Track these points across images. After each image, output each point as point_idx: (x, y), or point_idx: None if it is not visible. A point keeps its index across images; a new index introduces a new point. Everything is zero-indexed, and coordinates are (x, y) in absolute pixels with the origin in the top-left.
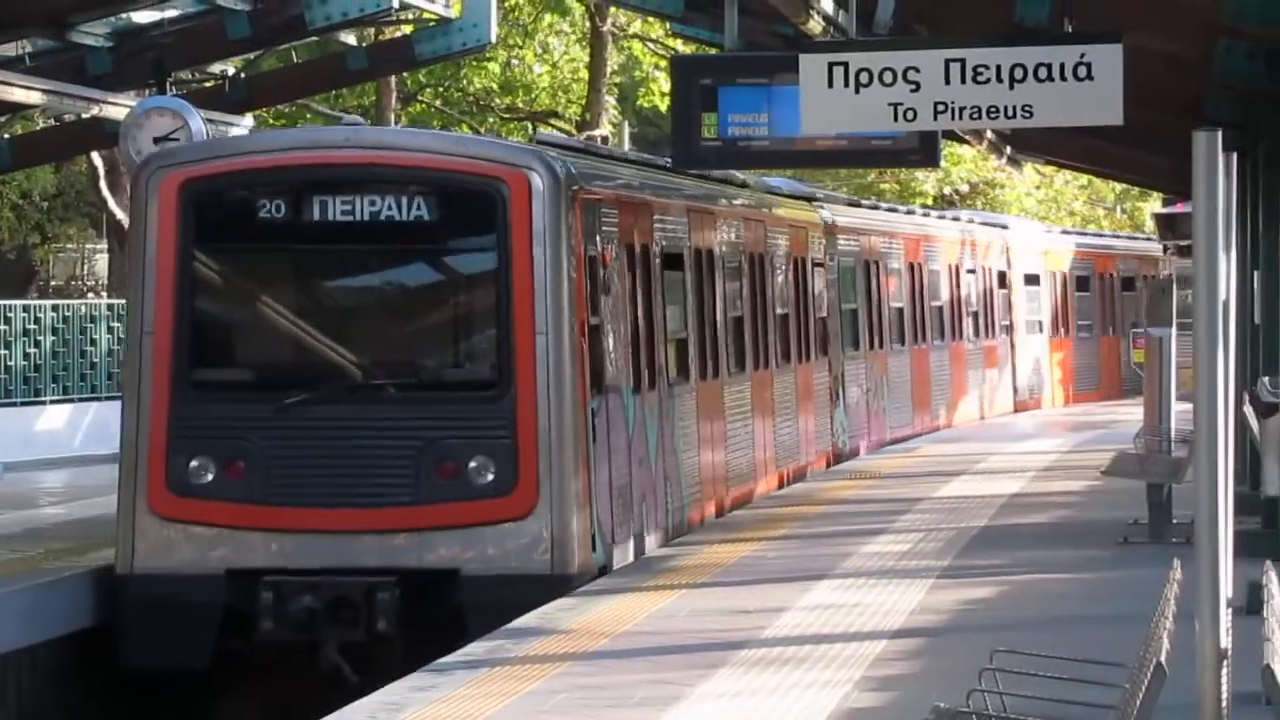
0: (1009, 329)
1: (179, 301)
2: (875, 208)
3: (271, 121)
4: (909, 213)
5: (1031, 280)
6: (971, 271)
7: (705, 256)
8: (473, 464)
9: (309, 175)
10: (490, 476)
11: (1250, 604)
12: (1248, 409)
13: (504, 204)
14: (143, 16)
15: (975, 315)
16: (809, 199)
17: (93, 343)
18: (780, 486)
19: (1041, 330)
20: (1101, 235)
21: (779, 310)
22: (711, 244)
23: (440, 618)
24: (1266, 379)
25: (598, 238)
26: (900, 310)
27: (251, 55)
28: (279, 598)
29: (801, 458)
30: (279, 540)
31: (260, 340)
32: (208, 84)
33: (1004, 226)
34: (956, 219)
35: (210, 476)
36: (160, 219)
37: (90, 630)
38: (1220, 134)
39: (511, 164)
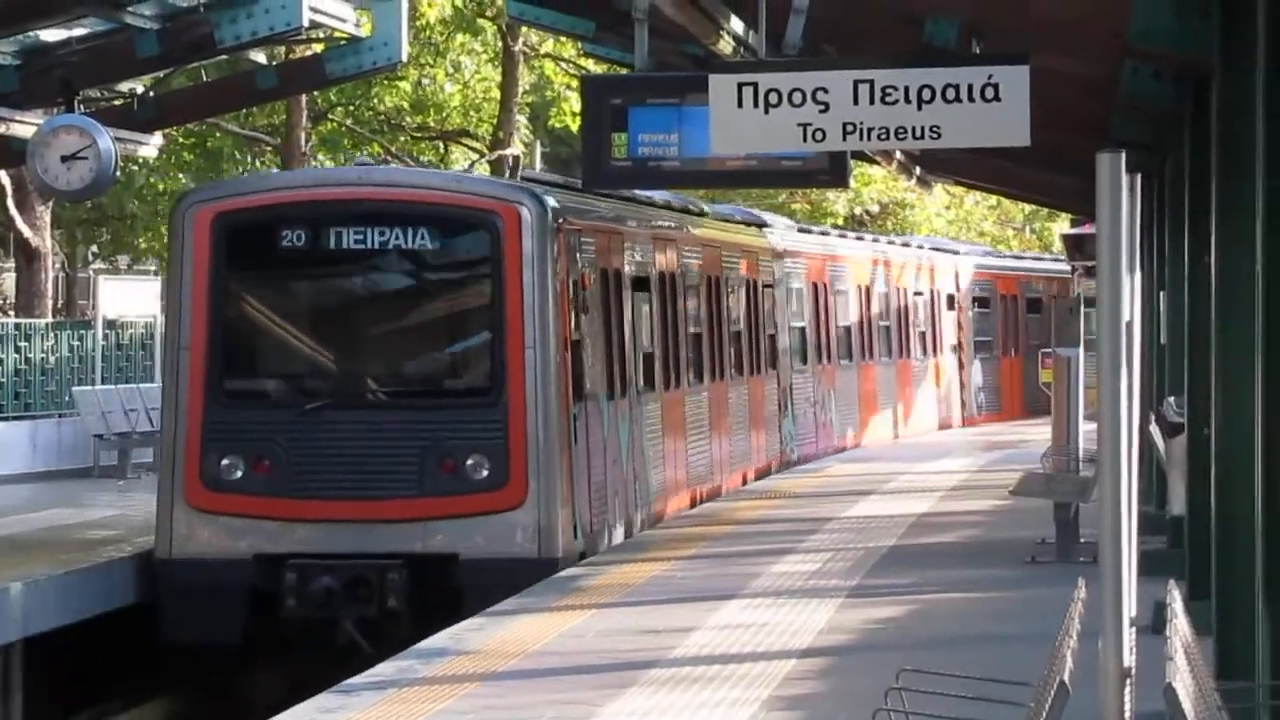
0: (958, 349)
1: (212, 320)
2: (825, 234)
3: (181, 140)
4: (859, 239)
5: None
6: (919, 294)
7: (669, 279)
8: (470, 461)
9: (326, 209)
10: (485, 472)
11: (1155, 623)
12: (1154, 429)
13: (497, 234)
14: (51, 34)
15: (922, 335)
16: (760, 225)
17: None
18: (743, 484)
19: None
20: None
21: (733, 327)
22: (674, 267)
23: (442, 596)
24: (1172, 399)
25: (578, 263)
26: (847, 328)
27: (161, 74)
28: (301, 579)
29: (756, 461)
30: (301, 529)
31: (284, 353)
32: (116, 102)
33: (955, 252)
34: (907, 244)
35: (240, 473)
36: (195, 248)
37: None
38: (1124, 155)
39: (504, 199)
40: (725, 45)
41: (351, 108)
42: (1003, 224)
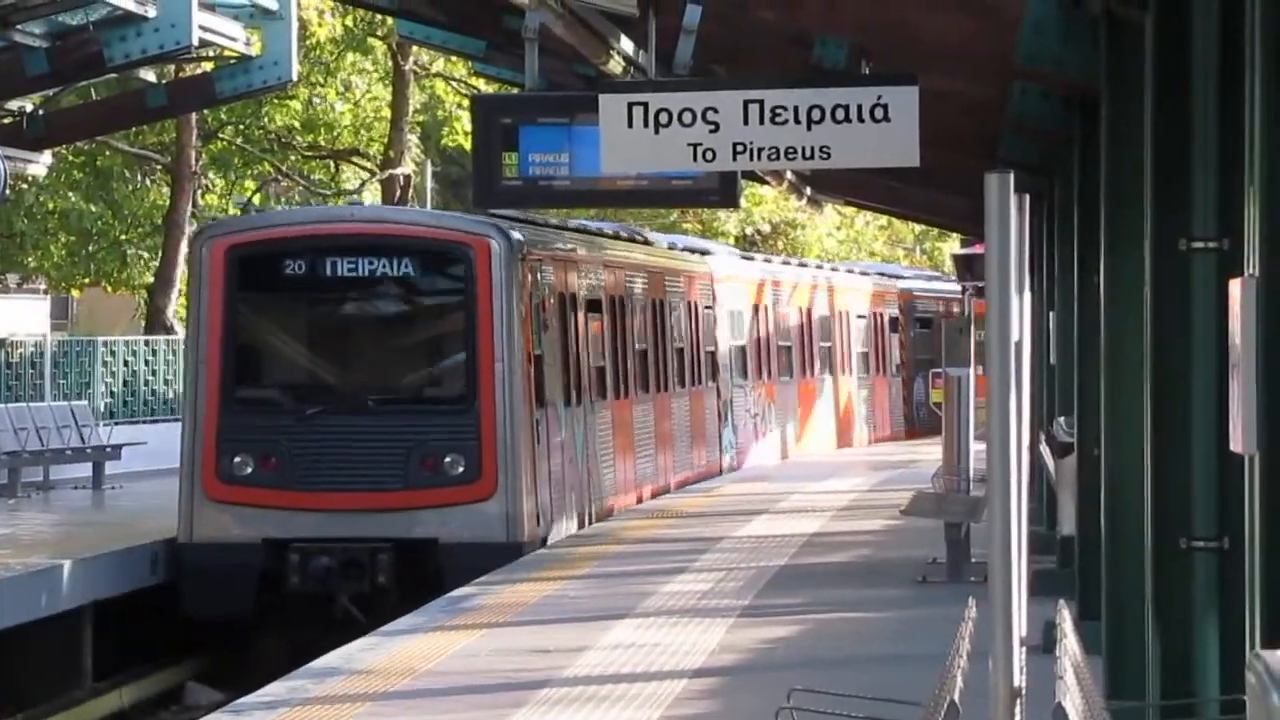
0: (894, 367)
1: (225, 337)
2: (769, 260)
3: (71, 159)
4: (801, 264)
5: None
6: (862, 317)
7: (618, 301)
8: (448, 459)
9: (322, 242)
10: (461, 469)
11: (1045, 642)
12: (1044, 449)
13: (470, 263)
14: None
15: (865, 355)
16: (703, 253)
17: None
18: (685, 485)
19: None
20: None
21: (675, 344)
22: (622, 291)
23: (424, 575)
24: (1062, 419)
25: (539, 288)
26: (788, 347)
27: (50, 92)
28: (303, 561)
29: (697, 465)
30: (303, 517)
31: (287, 366)
32: (5, 121)
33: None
34: (852, 271)
35: (250, 469)
36: (211, 275)
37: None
38: (1012, 176)
39: (475, 233)
40: (615, 65)
41: (242, 126)
42: (893, 244)
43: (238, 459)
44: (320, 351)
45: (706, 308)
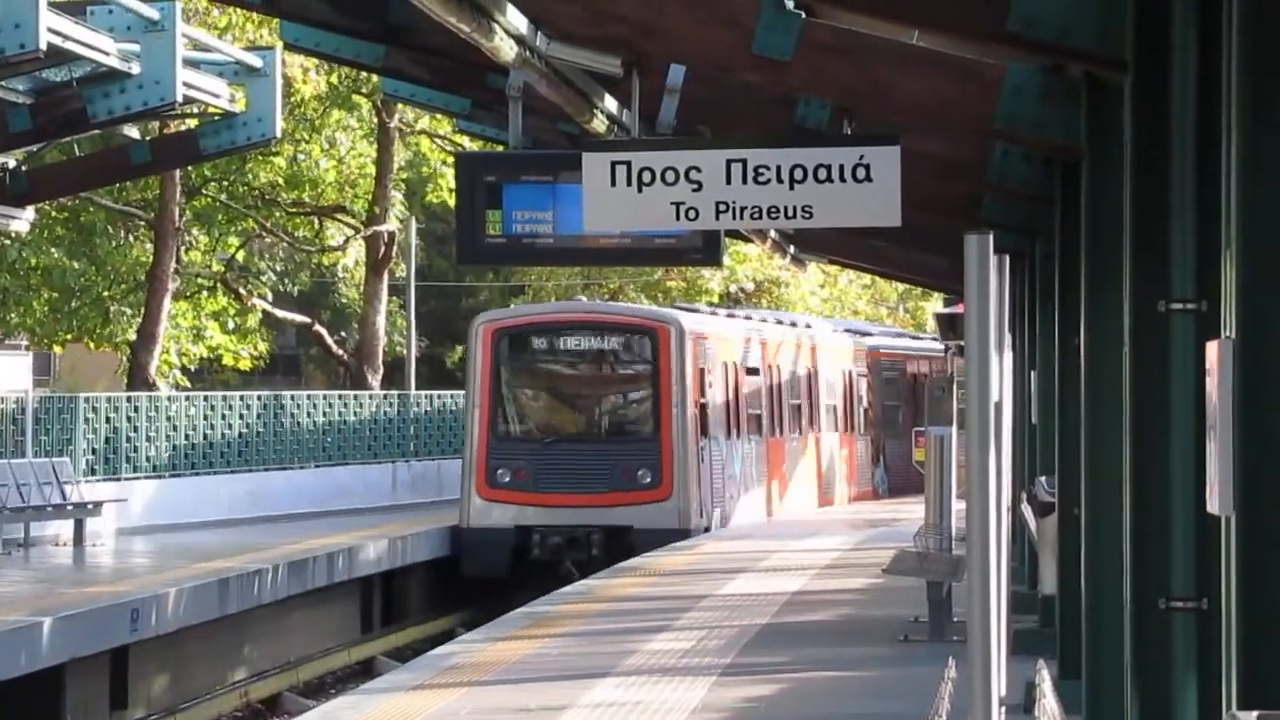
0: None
1: (492, 390)
2: (917, 338)
3: (54, 215)
4: (933, 338)
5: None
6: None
7: (773, 368)
8: (639, 472)
9: (558, 325)
10: (648, 479)
11: (1026, 702)
12: (1025, 509)
13: (656, 341)
14: None
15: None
16: (861, 334)
17: None
18: (829, 506)
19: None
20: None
21: (826, 401)
22: (773, 360)
23: (622, 550)
24: (1043, 479)
25: (703, 357)
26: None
27: (33, 148)
28: (542, 539)
29: (841, 492)
30: (542, 510)
31: (532, 410)
32: None
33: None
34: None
35: (507, 479)
36: (482, 348)
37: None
38: (992, 236)
39: (660, 320)
40: (599, 124)
41: (226, 183)
42: (876, 303)
43: (499, 471)
44: (555, 399)
45: (860, 375)
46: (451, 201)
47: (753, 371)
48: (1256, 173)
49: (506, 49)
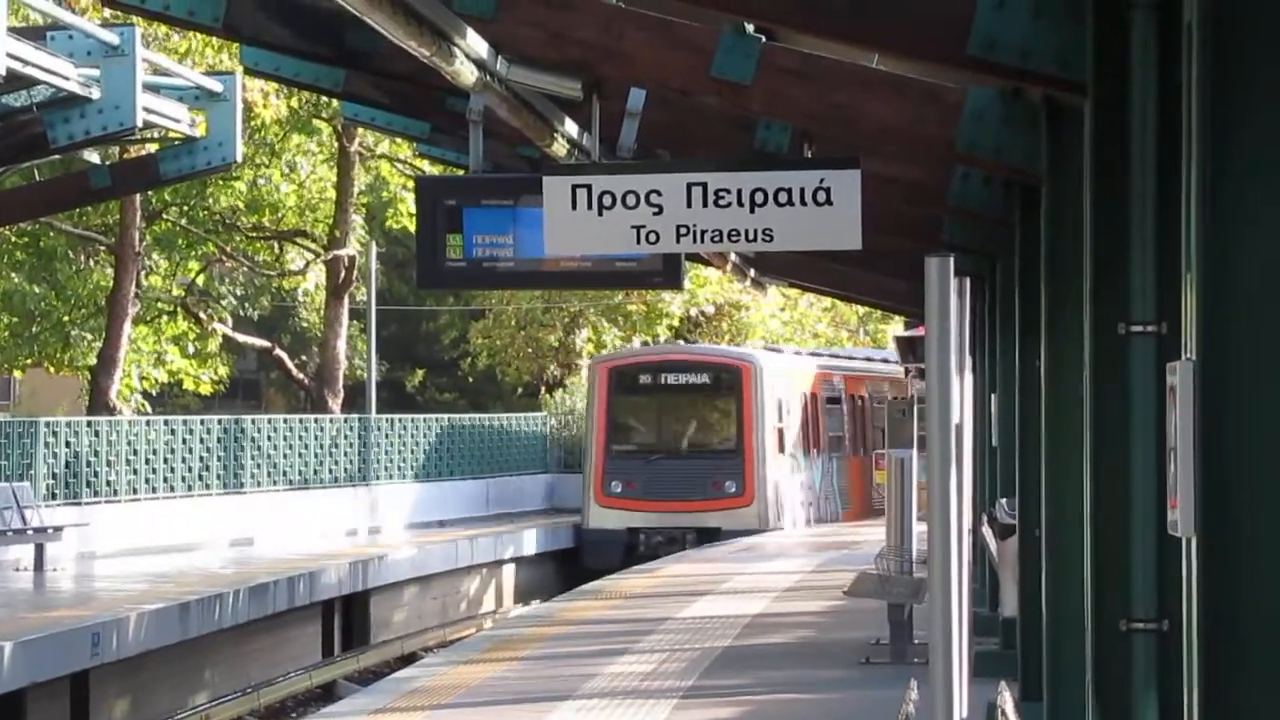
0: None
1: (607, 416)
2: (887, 361)
3: (14, 239)
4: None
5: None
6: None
7: (851, 397)
8: (726, 483)
9: (660, 364)
10: (734, 489)
11: None
12: (986, 530)
13: (739, 376)
14: None
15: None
16: (888, 361)
17: None
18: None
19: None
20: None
21: (874, 424)
22: (852, 390)
23: None
24: (1004, 501)
25: (781, 389)
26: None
27: None
28: (647, 539)
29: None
30: (648, 515)
31: (640, 432)
32: None
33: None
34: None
35: (620, 489)
36: (599, 383)
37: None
38: (952, 259)
39: (743, 358)
40: (560, 147)
41: (186, 207)
42: (837, 326)
43: (614, 483)
44: (658, 423)
45: (882, 402)
46: (412, 226)
47: (833, 400)
48: (1216, 195)
49: (467, 73)
